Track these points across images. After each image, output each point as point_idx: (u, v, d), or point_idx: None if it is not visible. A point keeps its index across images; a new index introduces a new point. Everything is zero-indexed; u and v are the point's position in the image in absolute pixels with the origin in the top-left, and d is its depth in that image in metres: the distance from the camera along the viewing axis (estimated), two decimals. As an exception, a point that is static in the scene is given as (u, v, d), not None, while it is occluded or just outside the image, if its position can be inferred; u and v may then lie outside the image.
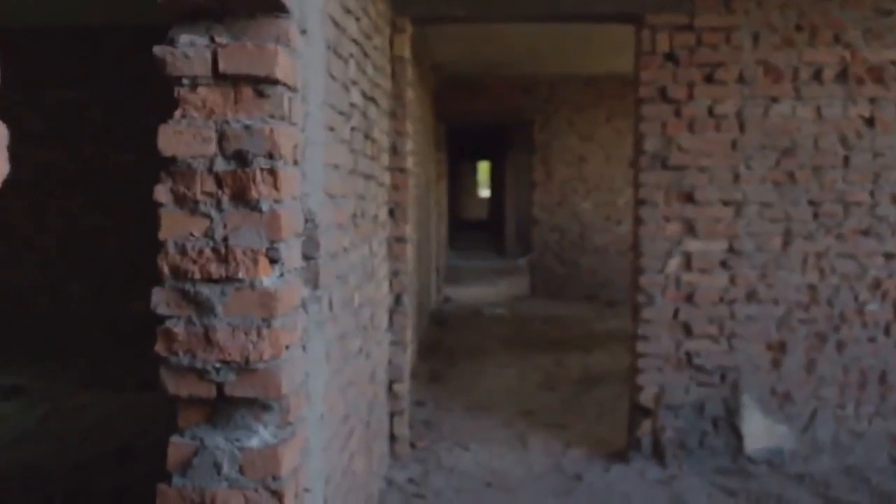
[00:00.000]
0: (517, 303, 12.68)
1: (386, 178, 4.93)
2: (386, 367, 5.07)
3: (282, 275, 2.21)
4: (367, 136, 4.05)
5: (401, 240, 5.19)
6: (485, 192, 35.06)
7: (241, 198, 2.13)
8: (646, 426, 5.23)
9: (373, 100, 4.25)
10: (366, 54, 3.97)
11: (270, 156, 2.13)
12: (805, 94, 5.08)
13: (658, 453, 5.21)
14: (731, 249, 5.13)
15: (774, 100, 5.09)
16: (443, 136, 14.00)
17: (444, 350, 8.96)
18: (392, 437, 5.30)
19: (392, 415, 5.26)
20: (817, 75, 5.07)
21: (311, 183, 2.56)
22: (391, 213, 5.15)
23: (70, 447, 5.47)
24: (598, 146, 12.91)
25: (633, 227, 5.37)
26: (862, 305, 5.15)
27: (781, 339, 5.16)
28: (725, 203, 5.12)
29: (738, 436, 5.18)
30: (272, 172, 2.13)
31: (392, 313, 5.21)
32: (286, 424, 2.24)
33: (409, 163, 5.27)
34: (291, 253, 2.30)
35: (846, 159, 5.10)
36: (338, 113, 3.12)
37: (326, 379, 2.87)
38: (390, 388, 5.23)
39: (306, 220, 2.54)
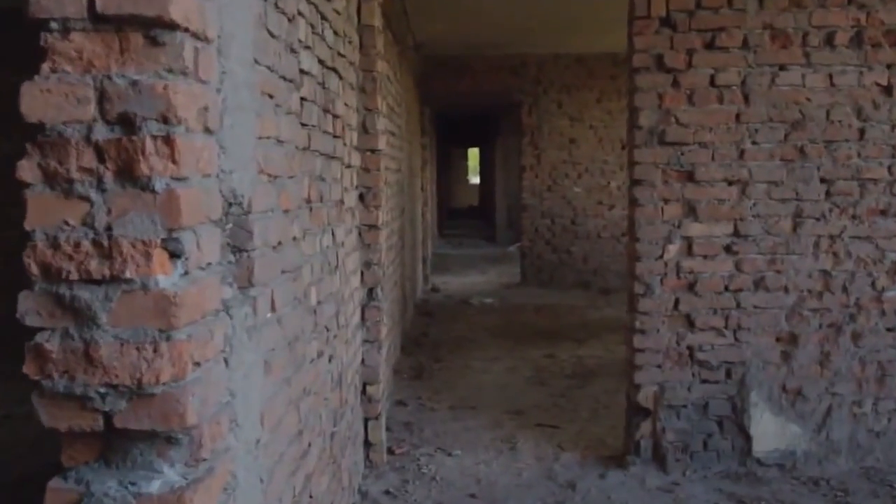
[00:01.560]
0: (507, 291, 12.22)
1: (354, 159, 4.45)
2: (358, 369, 4.60)
3: (186, 273, 1.73)
4: (326, 111, 3.57)
5: (373, 227, 4.71)
6: (475, 180, 34.60)
7: (129, 175, 1.65)
8: (645, 428, 4.77)
9: (334, 70, 3.77)
10: (323, 17, 3.48)
11: (165, 120, 1.65)
12: (816, 60, 4.61)
13: (658, 457, 4.76)
14: (735, 233, 4.67)
15: (782, 67, 4.62)
16: (428, 120, 13.50)
17: (430, 343, 8.49)
18: (367, 444, 4.84)
19: (367, 420, 4.80)
20: (829, 40, 4.60)
21: (236, 158, 2.08)
22: (361, 198, 4.67)
23: (18, 458, 5.00)
24: (589, 128, 12.45)
25: (628, 209, 4.90)
26: (880, 292, 4.70)
27: (792, 331, 4.71)
28: (729, 182, 4.66)
29: (745, 437, 4.73)
30: (168, 141, 1.65)
31: (365, 308, 4.74)
32: (198, 461, 1.77)
33: (382, 143, 4.79)
34: (203, 245, 1.82)
35: (861, 132, 4.64)
36: (280, 78, 2.64)
37: (268, 395, 2.40)
38: (364, 391, 4.76)
39: (229, 204, 2.06)
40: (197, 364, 1.76)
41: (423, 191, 13.10)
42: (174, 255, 1.70)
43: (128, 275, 1.66)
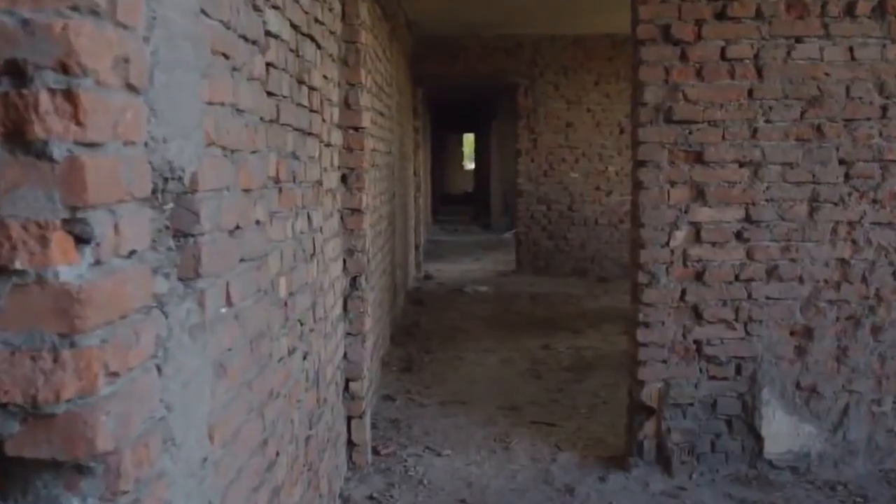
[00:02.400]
0: (502, 279, 11.88)
1: (335, 137, 4.10)
2: (340, 364, 4.27)
3: (98, 262, 1.39)
4: (301, 82, 3.22)
5: (356, 211, 4.37)
6: (471, 165, 34.23)
7: (20, 139, 1.31)
8: (648, 427, 4.44)
9: (311, 38, 3.42)
10: (297, -24, 3.13)
11: (64, 69, 1.30)
12: (835, 32, 4.27)
13: (663, 459, 4.43)
14: (747, 218, 4.34)
15: (798, 40, 4.28)
16: (421, 103, 13.14)
17: (421, 333, 8.16)
18: (350, 445, 4.51)
19: (350, 419, 4.47)
20: (850, 10, 4.25)
21: (174, 125, 1.74)
22: (343, 179, 4.33)
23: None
24: (586, 111, 12.09)
25: (631, 193, 4.56)
26: (902, 283, 4.37)
27: (807, 324, 4.38)
28: (741, 163, 4.32)
29: (756, 438, 4.40)
30: (70, 97, 1.31)
31: (347, 299, 4.40)
32: (117, 493, 1.44)
33: (366, 121, 4.44)
34: (124, 228, 1.48)
35: (884, 109, 4.30)
36: (239, 38, 2.29)
37: (221, 403, 2.06)
38: (347, 388, 4.43)
39: (165, 179, 1.72)
40: (114, 375, 1.42)
41: (415, 175, 12.75)
42: (81, 241, 1.36)
43: (18, 265, 1.31)
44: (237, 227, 2.23)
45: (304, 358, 3.30)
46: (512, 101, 12.85)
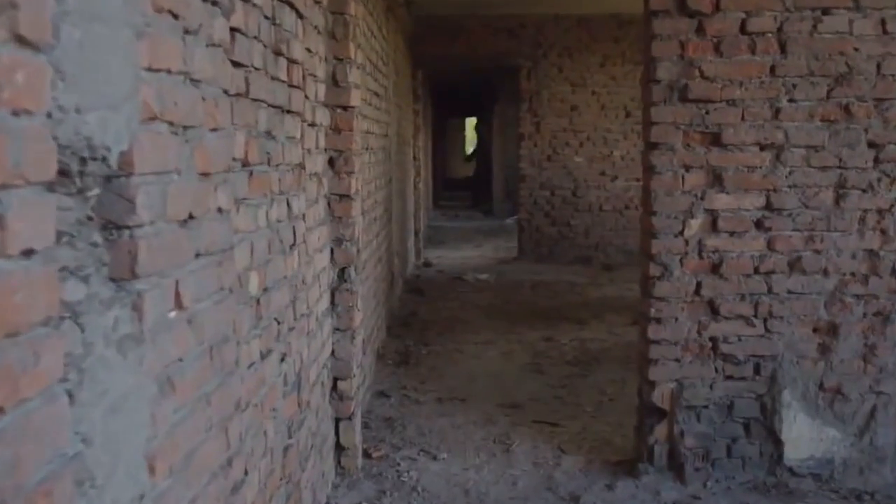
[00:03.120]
0: (503, 267, 11.55)
1: (321, 116, 3.77)
2: (327, 362, 3.95)
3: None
4: (278, 53, 2.89)
5: (345, 197, 4.04)
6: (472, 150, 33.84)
7: None
8: (660, 431, 4.12)
9: (290, 5, 3.08)
10: (272, -67, 2.79)
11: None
12: (865, 3, 3.93)
13: (675, 466, 4.11)
14: (768, 206, 4.01)
15: (825, 11, 3.94)
16: (421, 85, 12.78)
17: (419, 324, 7.84)
18: (339, 448, 4.19)
19: (338, 420, 4.15)
20: (882, -22, 3.91)
21: (94, 92, 1.41)
22: (331, 162, 4.00)
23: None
24: (591, 94, 11.74)
25: (643, 178, 4.23)
26: (935, 276, 4.04)
27: (832, 320, 4.05)
28: (761, 146, 3.99)
29: (776, 442, 4.08)
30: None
31: (335, 292, 4.07)
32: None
33: (356, 99, 4.11)
34: (16, 221, 1.16)
35: (918, 88, 3.96)
36: (192, -7, 1.96)
37: (167, 425, 1.74)
38: (335, 388, 4.11)
39: (82, 159, 1.39)
40: (-4, 411, 1.11)
41: (415, 160, 12.41)
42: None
43: None
44: (191, 217, 1.90)
45: (282, 360, 2.98)
46: (514, 83, 12.50)
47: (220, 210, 2.13)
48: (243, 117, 2.42)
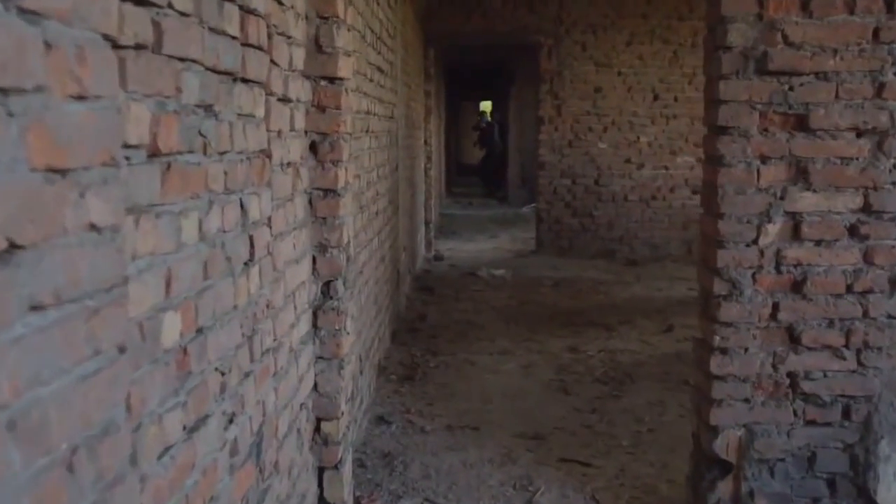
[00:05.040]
0: (521, 261, 10.70)
1: (297, 89, 2.94)
2: (307, 401, 3.13)
3: None
4: (225, -3, 2.06)
5: (331, 193, 3.21)
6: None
7: None
8: (723, 489, 3.29)
9: (247, -65, 2.25)
10: None
11: None
12: None
13: (742, 532, 3.29)
14: (866, 208, 3.16)
15: (945, -40, 3.07)
16: (433, 64, 11.91)
17: (427, 330, 7.01)
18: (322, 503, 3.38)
19: (322, 470, 3.34)
20: None
21: None
22: (313, 149, 3.17)
23: None
24: (617, 75, 10.85)
25: (704, 171, 3.39)
26: None
27: (944, 353, 3.21)
28: (859, 132, 3.14)
29: (870, 505, 3.26)
30: None
31: (318, 312, 3.25)
32: None
33: (345, 69, 3.27)
34: None
35: None
36: None
37: None
38: (318, 430, 3.30)
39: None
40: None
41: (426, 145, 11.56)
42: None
43: None
44: (12, 246, 1.08)
45: (231, 422, 2.16)
46: (533, 62, 11.61)
47: (93, 227, 1.30)
48: (149, 82, 1.60)
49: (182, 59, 1.78)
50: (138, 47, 1.55)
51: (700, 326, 3.40)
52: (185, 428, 1.81)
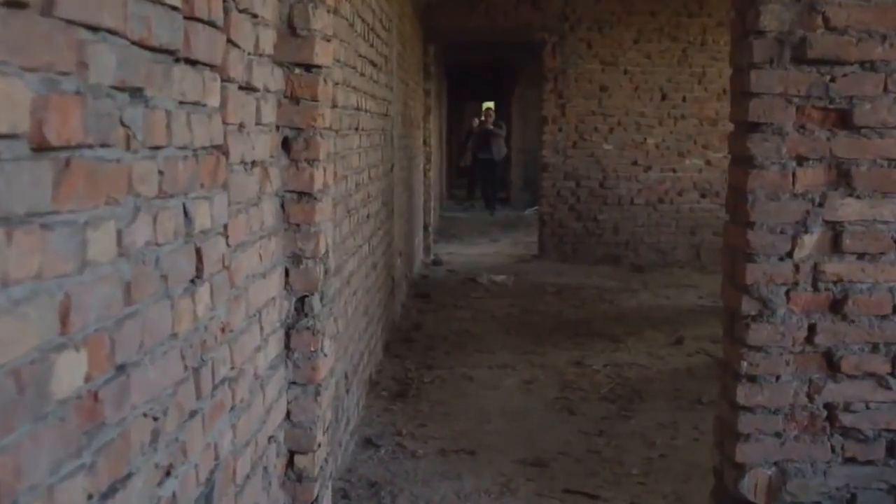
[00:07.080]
0: (523, 266, 10.32)
1: (265, 77, 2.55)
2: (277, 434, 2.75)
3: None
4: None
5: (306, 196, 2.82)
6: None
7: None
8: (751, 535, 2.90)
9: None
10: None
11: None
12: None
13: (772, 585, 2.90)
14: (916, 217, 2.77)
15: None
16: (433, 62, 11.53)
17: (423, 340, 6.62)
18: (296, 548, 2.99)
19: (295, 510, 2.95)
20: None
21: None
22: (285, 145, 2.78)
23: None
24: (623, 74, 10.48)
25: (730, 174, 3.00)
26: None
27: None
28: (910, 130, 2.75)
29: (918, 555, 2.86)
30: None
31: (291, 332, 2.86)
32: None
33: (324, 56, 2.89)
34: None
35: None
36: None
37: None
38: (291, 465, 2.91)
39: None
40: None
41: (425, 145, 11.18)
42: None
43: None
44: None
45: (168, 475, 1.78)
46: (537, 61, 11.23)
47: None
48: (31, 52, 1.21)
49: (91, 28, 1.39)
50: (11, 4, 1.16)
51: (725, 350, 3.02)
52: (90, 497, 1.42)
